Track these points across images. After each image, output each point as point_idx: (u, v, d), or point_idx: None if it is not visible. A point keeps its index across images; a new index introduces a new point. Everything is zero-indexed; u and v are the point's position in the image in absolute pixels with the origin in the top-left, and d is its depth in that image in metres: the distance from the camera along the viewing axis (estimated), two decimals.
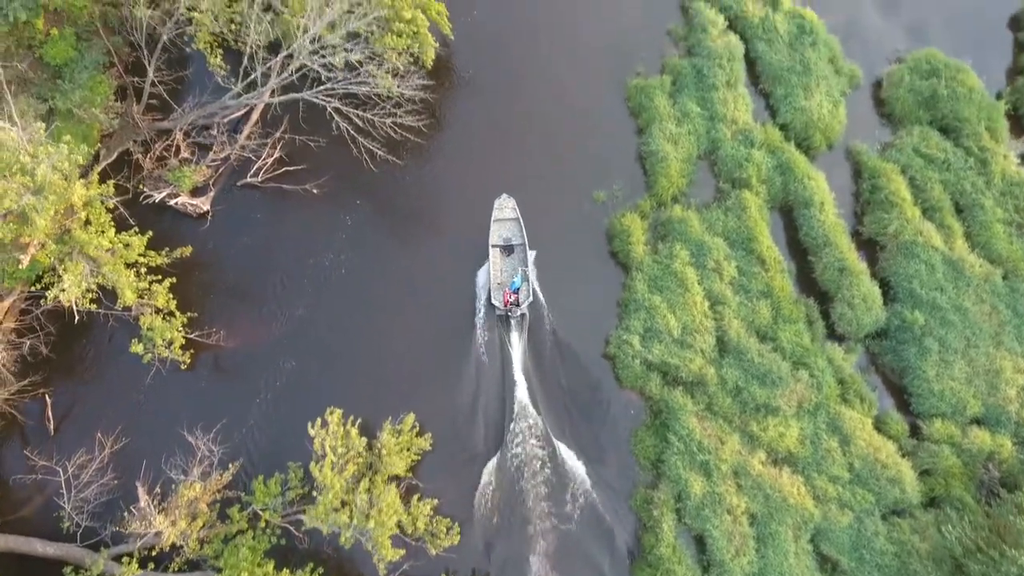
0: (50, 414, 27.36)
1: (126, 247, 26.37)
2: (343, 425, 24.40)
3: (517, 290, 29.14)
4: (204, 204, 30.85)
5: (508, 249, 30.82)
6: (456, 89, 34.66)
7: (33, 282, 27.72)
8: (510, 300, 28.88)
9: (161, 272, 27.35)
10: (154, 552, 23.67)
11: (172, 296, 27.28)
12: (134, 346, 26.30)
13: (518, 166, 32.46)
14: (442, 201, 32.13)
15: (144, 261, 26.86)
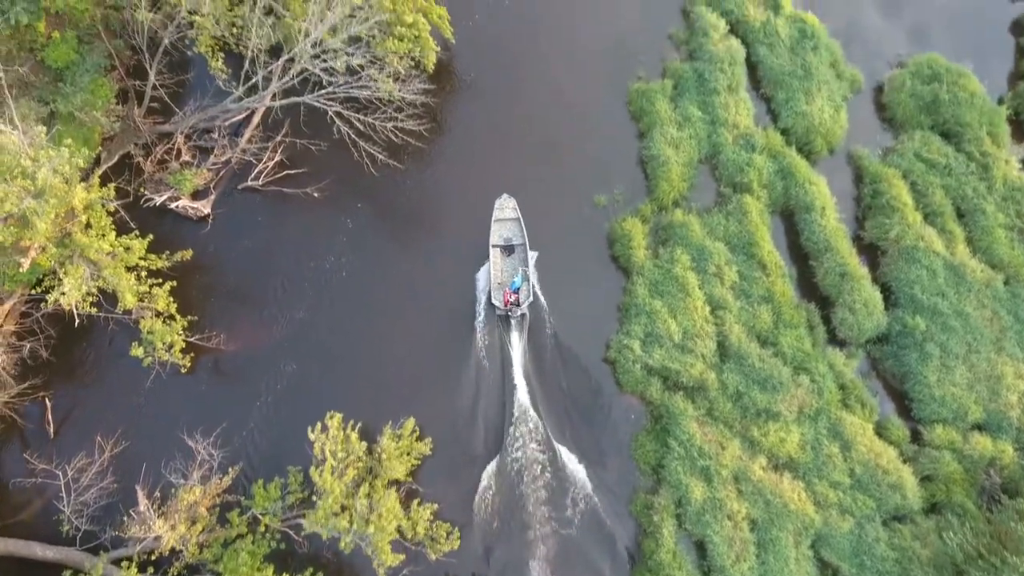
0: (50, 417, 27.33)
1: (127, 250, 26.36)
2: (343, 429, 24.38)
3: (517, 290, 29.15)
4: (205, 207, 30.84)
5: (509, 249, 30.82)
6: (457, 93, 34.64)
7: (34, 285, 27.69)
8: (510, 300, 28.89)
9: (162, 275, 27.34)
10: (153, 556, 23.65)
11: (172, 299, 27.26)
12: (134, 349, 26.28)
13: (519, 170, 32.42)
14: (443, 204, 32.12)
15: (145, 264, 26.87)
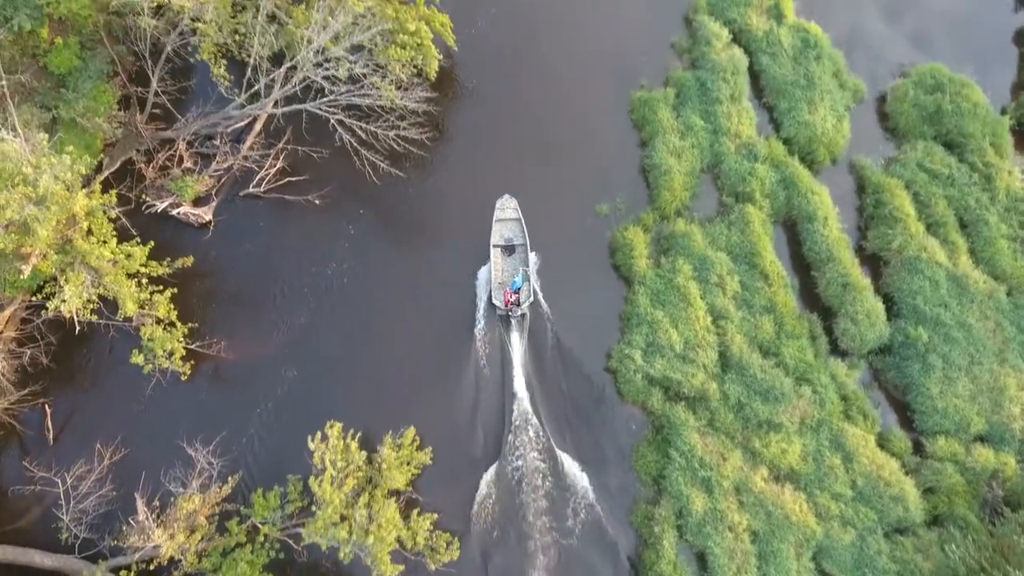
0: (49, 424, 27.27)
1: (128, 257, 26.33)
2: (343, 439, 24.30)
3: (518, 290, 29.17)
4: (206, 214, 30.81)
5: (509, 249, 30.82)
6: (459, 100, 34.64)
7: (34, 291, 27.67)
8: (511, 300, 28.89)
9: (163, 282, 27.31)
10: (152, 565, 23.58)
11: (173, 306, 27.23)
12: (134, 357, 26.24)
13: (520, 177, 32.33)
14: (445, 211, 32.11)
15: (146, 271, 26.86)
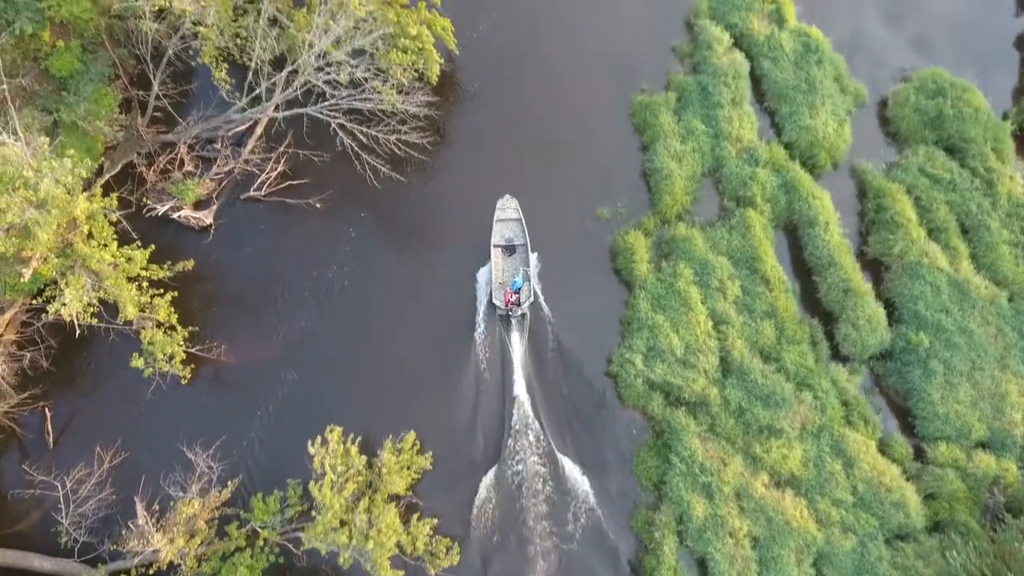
0: (49, 428, 27.24)
1: (128, 261, 26.28)
2: (343, 443, 24.26)
3: (518, 290, 29.17)
4: (207, 217, 30.80)
5: (510, 249, 30.80)
6: (460, 104, 34.61)
7: (35, 295, 27.60)
8: (511, 300, 28.88)
9: (163, 285, 27.25)
10: (151, 569, 23.50)
11: (174, 310, 27.19)
12: (135, 360, 26.17)
13: (521, 181, 32.25)
14: (446, 214, 32.07)
15: (146, 275, 26.78)
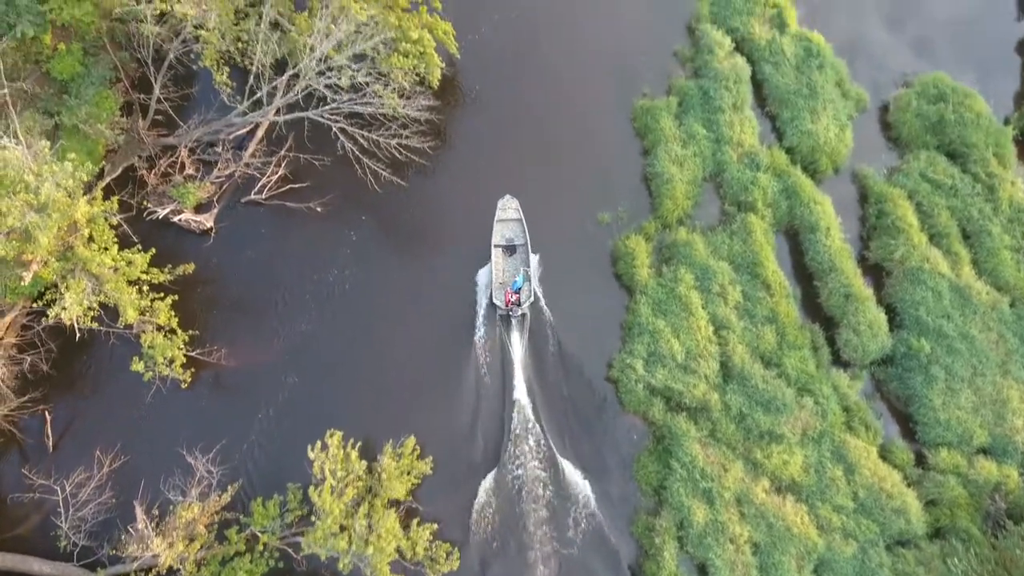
0: (49, 431, 27.20)
1: (129, 264, 26.32)
2: (343, 448, 24.23)
3: (519, 290, 29.18)
4: (208, 221, 30.78)
5: (511, 249, 30.81)
6: (461, 108, 34.61)
7: (35, 298, 27.59)
8: (512, 300, 28.88)
9: (163, 289, 27.27)
10: (151, 574, 23.49)
11: (174, 313, 27.18)
12: (135, 364, 26.19)
13: (522, 186, 32.19)
14: (446, 218, 32.05)
15: (147, 278, 26.79)
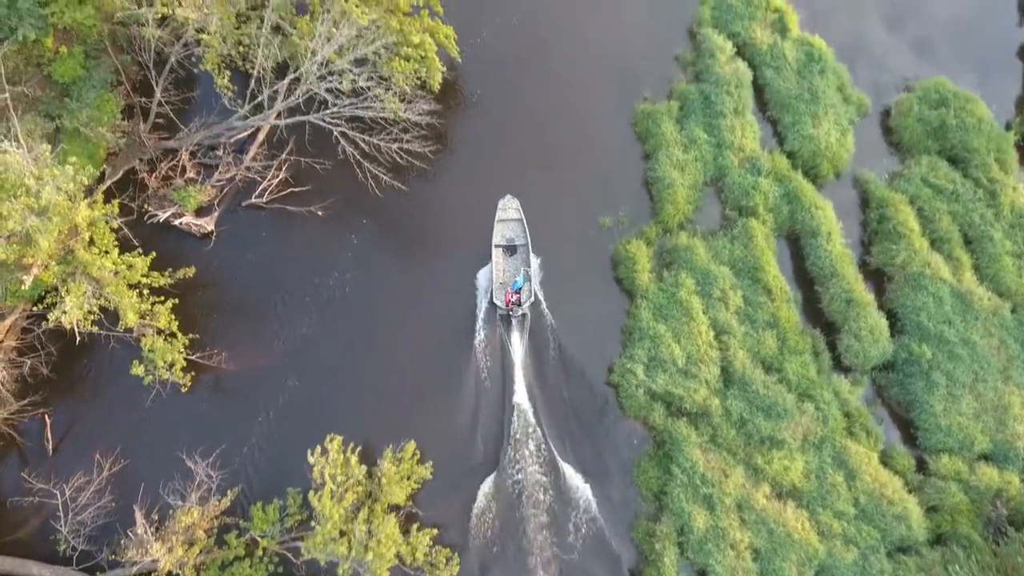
0: (49, 435, 27.18)
1: (129, 268, 26.32)
2: (343, 453, 24.19)
3: (519, 290, 29.18)
4: (208, 224, 30.77)
5: (511, 249, 30.79)
6: (462, 112, 34.60)
7: (35, 301, 27.59)
8: (512, 300, 28.88)
9: (164, 293, 27.26)
10: None
11: (174, 317, 27.18)
12: (135, 367, 26.15)
13: (523, 188, 32.16)
14: (447, 222, 32.05)
15: (147, 282, 26.79)
